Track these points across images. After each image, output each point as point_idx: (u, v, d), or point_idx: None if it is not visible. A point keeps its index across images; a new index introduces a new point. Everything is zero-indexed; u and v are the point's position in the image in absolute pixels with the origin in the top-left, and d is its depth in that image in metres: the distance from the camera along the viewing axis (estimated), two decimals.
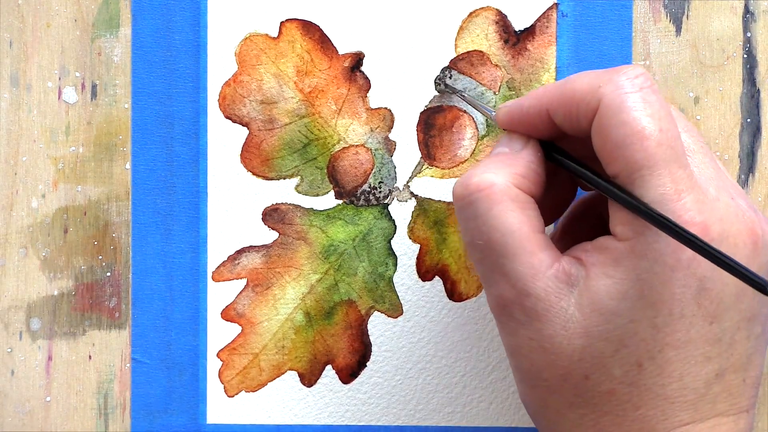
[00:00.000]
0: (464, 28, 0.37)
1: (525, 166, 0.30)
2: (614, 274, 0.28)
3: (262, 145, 0.37)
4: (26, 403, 0.37)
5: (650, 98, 0.28)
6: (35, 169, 0.37)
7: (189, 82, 0.37)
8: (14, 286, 0.37)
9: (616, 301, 0.28)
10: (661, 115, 0.28)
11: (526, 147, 0.30)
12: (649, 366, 0.28)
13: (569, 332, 0.28)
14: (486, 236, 0.29)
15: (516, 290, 0.29)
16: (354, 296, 0.37)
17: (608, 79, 0.28)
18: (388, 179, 0.37)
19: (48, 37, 0.37)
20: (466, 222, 0.30)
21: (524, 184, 0.30)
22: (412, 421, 0.37)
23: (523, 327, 0.29)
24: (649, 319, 0.27)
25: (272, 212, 0.37)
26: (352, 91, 0.37)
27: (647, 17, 0.37)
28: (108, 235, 0.37)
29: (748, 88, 0.37)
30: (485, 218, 0.29)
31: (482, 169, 0.30)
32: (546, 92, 0.30)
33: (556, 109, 0.29)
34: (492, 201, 0.29)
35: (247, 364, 0.37)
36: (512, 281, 0.29)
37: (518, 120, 0.31)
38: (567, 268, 0.29)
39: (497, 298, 0.29)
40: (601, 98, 0.28)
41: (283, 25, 0.37)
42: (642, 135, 0.27)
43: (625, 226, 0.28)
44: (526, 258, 0.28)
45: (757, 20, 0.37)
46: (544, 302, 0.28)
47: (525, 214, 0.29)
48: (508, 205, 0.29)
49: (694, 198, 0.27)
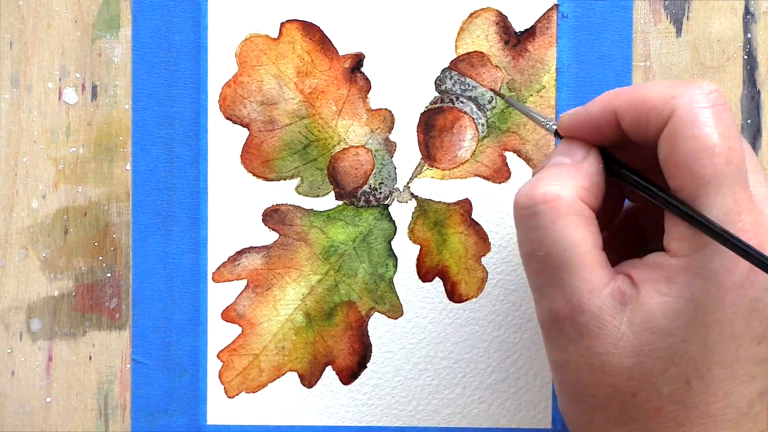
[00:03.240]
0: (464, 29, 0.37)
1: (588, 178, 0.30)
2: (668, 292, 0.28)
3: (262, 146, 0.37)
4: (26, 404, 0.37)
5: (723, 115, 0.28)
6: (35, 169, 0.37)
7: (189, 83, 0.37)
8: (14, 287, 0.37)
9: (668, 320, 0.28)
10: (731, 134, 0.28)
11: (588, 157, 0.30)
12: (697, 384, 0.28)
13: (620, 351, 0.28)
14: (547, 248, 0.29)
15: (571, 306, 0.28)
16: (354, 297, 0.37)
17: (683, 91, 0.28)
18: (389, 180, 0.37)
19: (48, 37, 0.37)
20: (527, 232, 0.29)
21: (587, 197, 0.29)
22: (412, 422, 0.37)
23: (572, 343, 0.29)
24: (701, 338, 0.27)
25: (272, 213, 0.37)
26: (353, 92, 0.37)
27: (647, 18, 0.37)
28: (108, 236, 0.37)
29: (748, 90, 0.37)
30: (549, 230, 0.29)
31: (546, 181, 0.29)
32: (616, 96, 0.30)
33: (624, 114, 0.29)
34: (557, 214, 0.29)
35: (247, 365, 0.37)
36: (568, 296, 0.28)
37: (582, 125, 0.30)
38: (622, 287, 0.28)
39: (550, 312, 0.29)
40: (675, 109, 0.28)
41: (283, 26, 0.37)
42: (712, 151, 0.27)
43: (682, 242, 0.28)
44: (585, 274, 0.28)
45: (758, 21, 0.37)
46: (597, 320, 0.28)
47: (588, 230, 0.29)
48: (573, 219, 0.29)
49: (752, 220, 0.27)
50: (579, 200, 0.29)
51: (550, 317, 0.29)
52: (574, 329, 0.29)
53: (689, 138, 0.27)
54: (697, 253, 0.27)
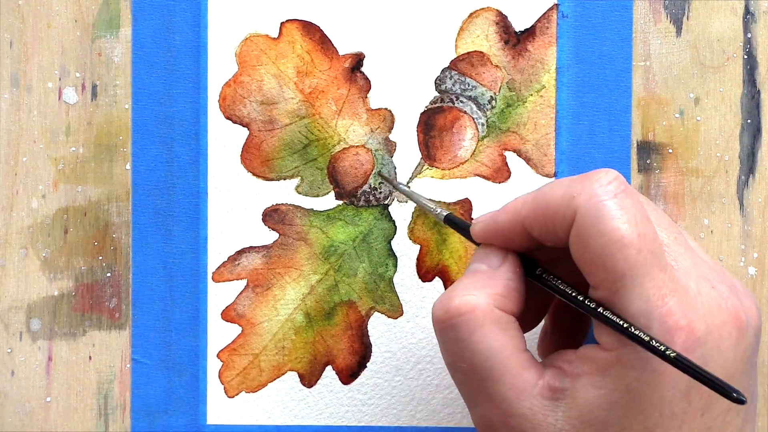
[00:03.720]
0: (464, 29, 0.37)
1: (504, 285, 0.30)
2: (603, 385, 0.28)
3: (262, 145, 0.37)
4: (26, 404, 0.37)
5: (625, 203, 0.27)
6: (35, 169, 0.37)
7: (189, 83, 0.37)
8: (14, 287, 0.37)
9: (605, 412, 0.27)
10: (638, 220, 0.27)
11: (504, 263, 0.30)
12: None
13: None
14: (469, 360, 0.29)
15: (501, 411, 0.28)
16: (354, 297, 0.37)
17: (581, 188, 0.28)
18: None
19: (48, 37, 0.37)
20: (447, 345, 0.29)
21: (505, 303, 0.29)
22: (412, 422, 0.37)
23: None
24: (641, 424, 0.27)
25: (272, 213, 0.37)
26: (353, 92, 0.37)
27: (647, 18, 0.37)
28: (108, 236, 0.37)
29: (748, 89, 0.37)
30: (467, 342, 0.29)
31: (462, 291, 0.29)
32: (522, 205, 0.29)
33: (531, 224, 0.29)
34: (474, 325, 0.29)
35: (247, 365, 0.37)
36: (497, 402, 0.28)
37: (494, 234, 0.30)
38: (551, 382, 0.28)
39: (482, 419, 0.29)
40: (576, 209, 0.28)
41: (283, 25, 0.37)
42: (621, 243, 0.27)
43: (611, 337, 0.28)
44: (510, 380, 0.28)
45: (758, 21, 0.37)
46: (530, 421, 0.28)
47: (507, 335, 0.29)
48: (490, 328, 0.28)
49: (677, 301, 0.27)
50: (495, 309, 0.29)
51: (483, 423, 0.29)
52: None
53: (595, 235, 0.27)
54: (627, 345, 0.27)
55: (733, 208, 0.37)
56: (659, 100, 0.37)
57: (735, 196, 0.37)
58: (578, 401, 0.28)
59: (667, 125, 0.37)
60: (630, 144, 0.37)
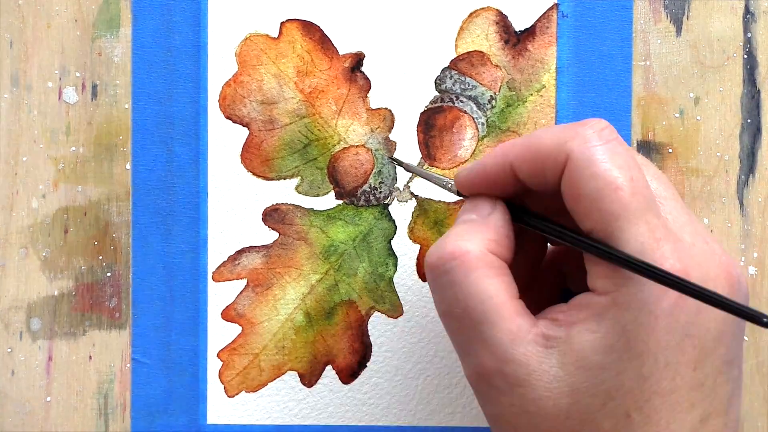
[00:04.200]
0: (464, 29, 0.37)
1: (496, 231, 0.30)
2: (598, 329, 0.27)
3: (262, 145, 0.37)
4: (26, 403, 0.37)
5: (618, 149, 0.28)
6: (35, 169, 0.37)
7: (189, 83, 0.37)
8: (14, 287, 0.37)
9: (601, 356, 0.27)
10: (630, 165, 0.27)
11: (494, 211, 0.30)
12: (637, 416, 0.27)
13: (554, 393, 0.28)
14: (464, 304, 0.29)
15: (496, 358, 0.28)
16: (354, 296, 0.37)
17: (574, 133, 0.28)
18: (389, 179, 0.37)
19: (48, 37, 0.37)
20: (442, 291, 0.29)
21: (497, 249, 0.29)
22: (413, 422, 0.37)
23: (504, 395, 0.28)
24: (636, 370, 0.27)
25: (272, 212, 0.37)
26: (353, 92, 0.37)
27: (647, 18, 0.37)
28: (108, 236, 0.37)
29: (748, 89, 0.37)
30: (462, 286, 0.29)
31: (454, 238, 0.29)
32: (510, 148, 0.29)
33: (520, 165, 0.29)
34: (468, 268, 0.29)
35: (247, 365, 0.37)
36: (492, 349, 0.28)
37: (480, 181, 0.30)
38: (545, 331, 0.28)
39: (476, 367, 0.29)
40: (569, 153, 0.28)
41: (283, 25, 0.37)
42: (615, 186, 0.27)
43: (606, 280, 0.28)
44: (505, 324, 0.28)
45: (758, 21, 0.37)
46: (525, 367, 0.28)
47: (502, 280, 0.29)
48: (485, 271, 0.28)
49: (672, 246, 0.27)
50: (489, 253, 0.29)
51: (477, 372, 0.29)
52: (504, 381, 0.28)
53: (589, 178, 0.27)
54: (623, 287, 0.27)
55: (733, 208, 0.37)
56: (659, 100, 0.37)
57: (735, 196, 0.37)
58: (573, 346, 0.28)
59: (667, 125, 0.37)
60: (630, 143, 0.37)
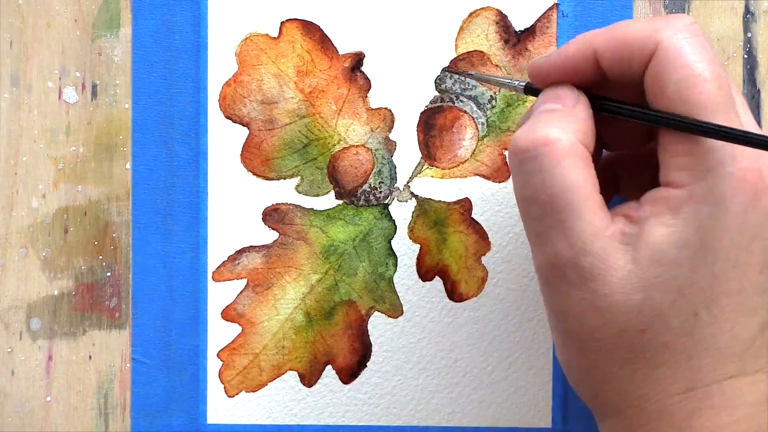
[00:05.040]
0: (464, 29, 0.37)
1: (584, 122, 0.29)
2: (674, 223, 0.27)
3: (262, 145, 0.37)
4: (26, 403, 0.37)
5: (705, 44, 0.28)
6: (35, 169, 0.37)
7: (189, 82, 0.37)
8: (14, 286, 0.37)
9: (676, 250, 0.27)
10: (716, 62, 0.28)
11: (580, 102, 0.30)
12: (704, 315, 0.27)
13: (626, 288, 0.28)
14: (549, 191, 0.28)
15: (574, 249, 0.28)
16: (354, 296, 0.37)
17: (665, 24, 0.28)
18: (389, 179, 0.37)
19: (48, 37, 0.37)
20: (528, 176, 0.29)
21: (585, 140, 0.29)
22: (413, 422, 0.37)
23: (575, 288, 0.28)
24: (708, 267, 0.27)
25: (272, 212, 0.37)
26: (353, 92, 0.37)
27: (647, 17, 0.37)
28: (108, 235, 0.37)
29: (748, 89, 0.37)
30: (550, 173, 0.28)
31: (545, 124, 0.29)
32: (594, 36, 0.29)
33: (604, 53, 0.29)
34: (560, 155, 0.28)
35: (247, 364, 0.37)
36: (571, 240, 0.28)
37: (559, 69, 0.30)
38: (623, 227, 0.28)
39: (551, 257, 0.29)
40: (658, 42, 0.28)
41: (283, 25, 0.37)
42: (703, 77, 0.27)
43: (684, 172, 0.28)
44: (588, 216, 0.28)
45: (758, 20, 0.37)
46: (602, 261, 0.28)
47: (588, 172, 0.28)
48: (574, 161, 0.28)
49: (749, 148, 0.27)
50: (579, 143, 0.28)
51: (551, 263, 0.29)
52: (577, 273, 0.28)
53: (679, 68, 0.27)
54: (701, 180, 0.27)
55: None
56: None
57: None
58: (648, 241, 0.27)
59: None
60: None
